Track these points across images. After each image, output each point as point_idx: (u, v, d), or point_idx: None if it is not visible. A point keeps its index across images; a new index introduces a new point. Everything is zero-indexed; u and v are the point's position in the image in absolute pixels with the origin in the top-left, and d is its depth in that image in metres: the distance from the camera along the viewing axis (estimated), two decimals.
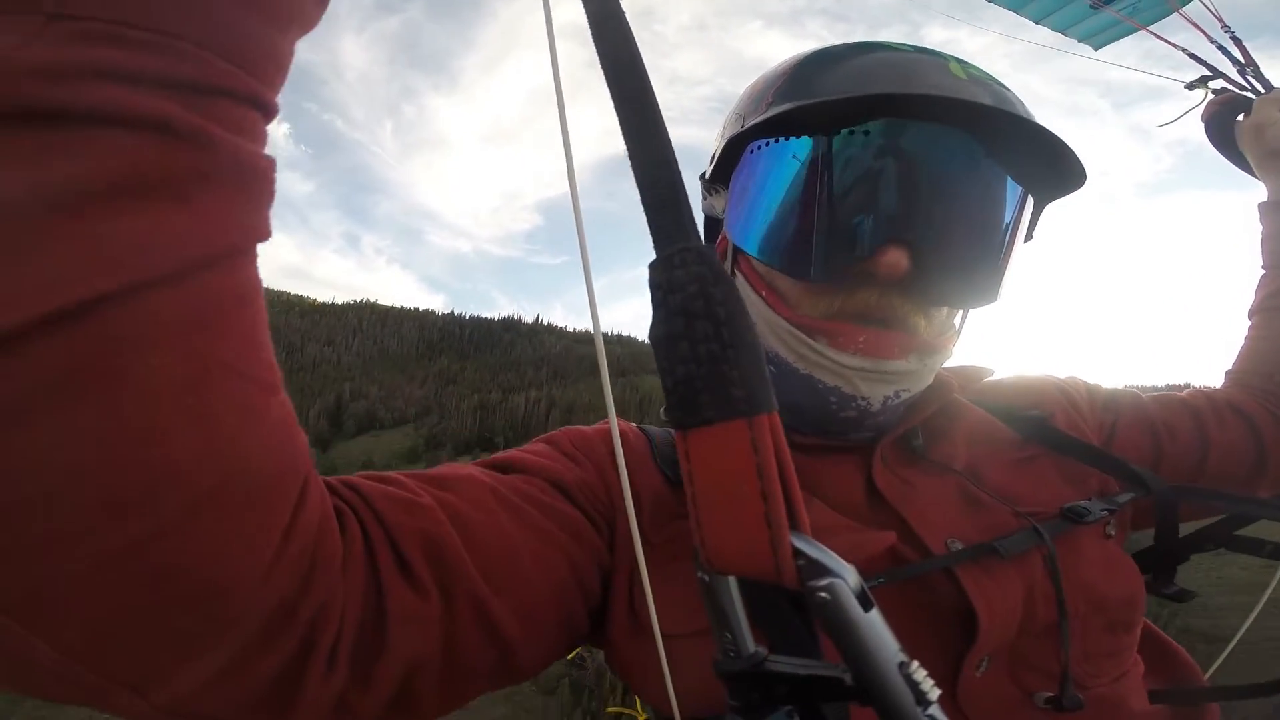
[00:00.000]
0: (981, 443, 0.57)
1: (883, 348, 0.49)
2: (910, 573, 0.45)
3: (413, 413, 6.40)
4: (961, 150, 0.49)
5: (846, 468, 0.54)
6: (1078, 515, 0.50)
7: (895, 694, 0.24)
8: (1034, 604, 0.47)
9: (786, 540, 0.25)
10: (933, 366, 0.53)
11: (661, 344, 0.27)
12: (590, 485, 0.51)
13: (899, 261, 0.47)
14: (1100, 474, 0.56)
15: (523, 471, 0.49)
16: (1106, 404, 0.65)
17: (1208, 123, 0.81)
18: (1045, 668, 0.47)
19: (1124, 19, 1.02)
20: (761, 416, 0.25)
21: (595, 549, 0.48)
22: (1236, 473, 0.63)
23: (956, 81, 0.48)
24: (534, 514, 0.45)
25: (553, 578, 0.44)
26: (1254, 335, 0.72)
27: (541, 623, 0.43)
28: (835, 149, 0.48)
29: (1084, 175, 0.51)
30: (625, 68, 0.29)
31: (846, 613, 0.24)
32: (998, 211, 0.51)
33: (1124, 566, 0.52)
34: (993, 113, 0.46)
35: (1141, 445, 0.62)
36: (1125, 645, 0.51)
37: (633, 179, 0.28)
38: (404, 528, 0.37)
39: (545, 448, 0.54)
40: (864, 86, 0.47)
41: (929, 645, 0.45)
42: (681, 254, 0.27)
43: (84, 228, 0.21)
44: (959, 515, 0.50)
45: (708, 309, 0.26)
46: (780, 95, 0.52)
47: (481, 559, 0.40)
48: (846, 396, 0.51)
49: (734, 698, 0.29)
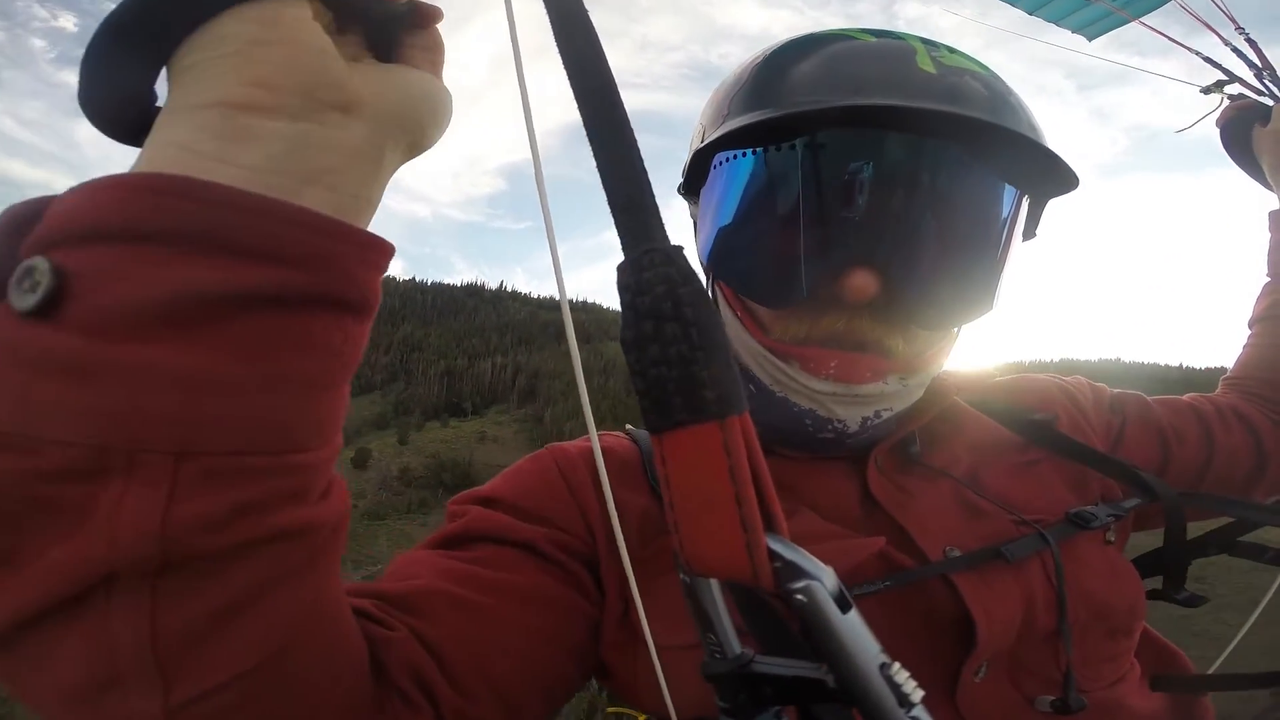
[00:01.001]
0: (983, 447, 0.56)
1: (855, 373, 0.48)
2: (906, 579, 0.44)
3: (379, 380, 6.44)
4: (932, 159, 0.45)
5: (840, 477, 0.53)
6: (1084, 521, 0.49)
7: (877, 696, 0.24)
8: (1034, 611, 0.46)
9: (762, 543, 0.25)
10: (918, 384, 0.52)
11: (632, 347, 0.26)
12: (566, 534, 0.50)
13: (865, 285, 0.44)
14: (1101, 478, 0.55)
15: (489, 540, 0.49)
16: (1113, 406, 0.64)
17: (1223, 128, 0.77)
18: (1045, 673, 0.46)
19: (1117, 10, 0.99)
20: (733, 418, 0.25)
21: (574, 605, 0.48)
22: (1237, 477, 0.63)
23: (925, 77, 0.44)
24: (504, 609, 0.45)
25: (532, 667, 0.45)
26: (1255, 343, 0.71)
27: (528, 705, 0.45)
28: (787, 166, 0.46)
29: (1075, 179, 0.48)
30: (589, 68, 0.28)
31: (824, 614, 0.24)
32: (983, 218, 0.48)
33: (1125, 573, 0.51)
34: (962, 119, 0.42)
35: (1150, 448, 0.61)
36: (1124, 650, 0.50)
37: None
38: (392, 665, 0.39)
39: (517, 494, 0.52)
40: (821, 95, 0.44)
41: (927, 651, 0.45)
42: (649, 255, 0.26)
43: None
44: (958, 523, 0.49)
45: (676, 311, 0.25)
46: (737, 105, 0.49)
47: (457, 675, 0.41)
48: (822, 420, 0.50)
49: (722, 699, 0.29)
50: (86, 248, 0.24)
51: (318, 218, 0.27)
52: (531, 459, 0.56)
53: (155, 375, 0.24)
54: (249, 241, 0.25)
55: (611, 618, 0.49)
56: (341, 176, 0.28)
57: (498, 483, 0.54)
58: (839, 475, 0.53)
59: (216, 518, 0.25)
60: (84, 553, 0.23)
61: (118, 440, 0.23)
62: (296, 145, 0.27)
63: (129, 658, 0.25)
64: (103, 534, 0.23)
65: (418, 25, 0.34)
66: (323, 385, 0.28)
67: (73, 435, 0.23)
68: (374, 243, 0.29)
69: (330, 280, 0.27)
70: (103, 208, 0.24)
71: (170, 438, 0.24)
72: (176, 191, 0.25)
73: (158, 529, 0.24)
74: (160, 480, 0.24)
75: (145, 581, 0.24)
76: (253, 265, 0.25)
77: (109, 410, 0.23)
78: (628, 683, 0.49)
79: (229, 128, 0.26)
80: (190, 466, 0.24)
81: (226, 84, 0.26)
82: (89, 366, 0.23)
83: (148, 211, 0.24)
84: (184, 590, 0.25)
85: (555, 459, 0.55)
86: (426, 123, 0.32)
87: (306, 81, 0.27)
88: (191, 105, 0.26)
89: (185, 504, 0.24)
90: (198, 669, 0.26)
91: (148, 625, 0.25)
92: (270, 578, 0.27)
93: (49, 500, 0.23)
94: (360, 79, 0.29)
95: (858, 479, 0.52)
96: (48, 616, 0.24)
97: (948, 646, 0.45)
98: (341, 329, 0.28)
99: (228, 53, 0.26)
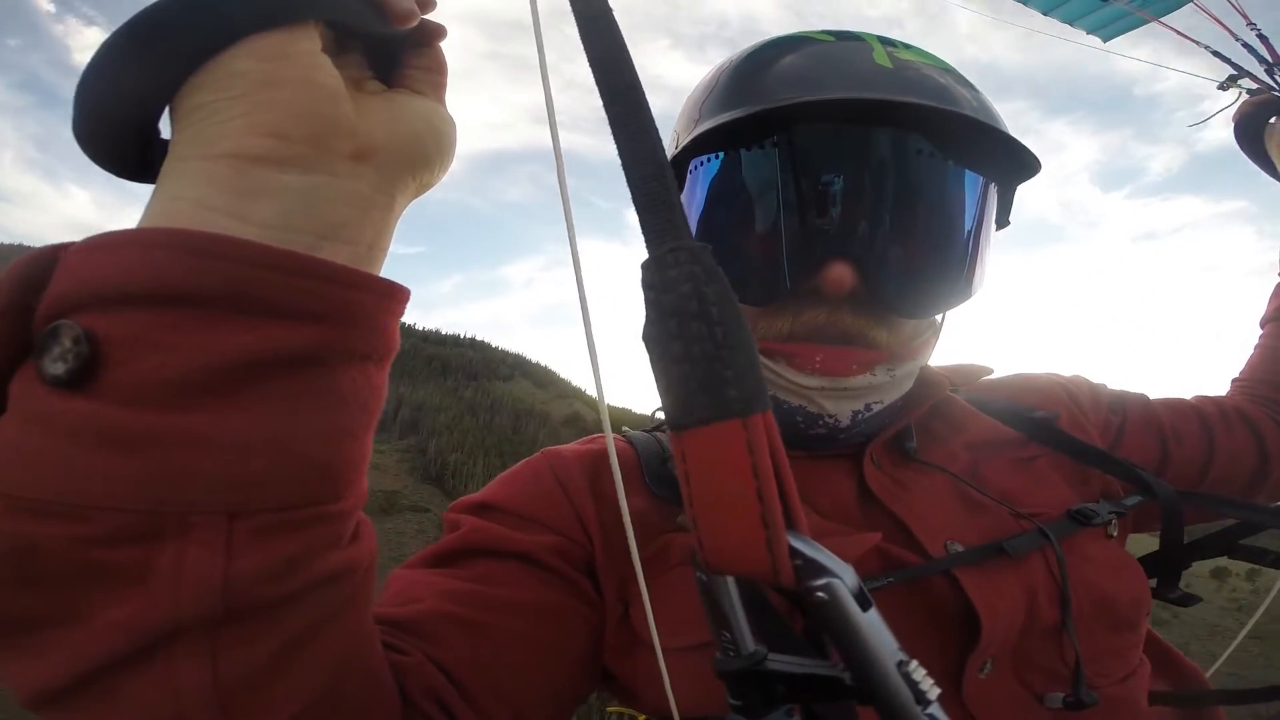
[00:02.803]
0: (982, 444, 0.56)
1: (840, 366, 0.48)
2: (910, 575, 0.45)
3: None
4: (894, 149, 0.46)
5: (836, 472, 0.53)
6: (1085, 518, 0.49)
7: (894, 693, 0.24)
8: (1036, 605, 0.46)
9: (783, 540, 0.25)
10: (906, 374, 0.52)
11: (655, 345, 0.26)
12: (562, 539, 0.50)
13: (842, 278, 0.45)
14: (1103, 475, 0.56)
15: (486, 554, 0.49)
16: (1113, 404, 0.64)
17: (1238, 123, 0.78)
18: (1050, 668, 0.47)
19: (1135, 10, 1.01)
20: (756, 416, 0.25)
21: (576, 612, 0.48)
22: (1238, 479, 0.63)
23: (880, 71, 0.46)
24: (509, 625, 0.45)
25: (542, 679, 0.46)
26: (1264, 344, 0.72)
27: (541, 717, 0.45)
28: (756, 166, 0.47)
29: (1037, 164, 0.49)
30: (614, 66, 0.28)
31: (845, 612, 0.24)
32: (950, 205, 0.49)
33: (1129, 567, 0.52)
34: (917, 107, 0.44)
35: (1148, 448, 0.62)
36: (1130, 644, 0.51)
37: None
38: (413, 690, 0.39)
39: (512, 500, 0.52)
40: (781, 94, 0.45)
41: (931, 647, 0.45)
42: (674, 253, 0.26)
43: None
44: (957, 517, 0.50)
45: (701, 309, 0.25)
46: (708, 109, 0.50)
47: (473, 697, 0.42)
48: (812, 415, 0.50)
49: (734, 696, 0.29)
50: (117, 312, 0.23)
51: (347, 272, 0.27)
52: (526, 463, 0.56)
53: (201, 443, 0.24)
54: (279, 302, 0.25)
55: (611, 620, 0.49)
56: (357, 229, 0.28)
57: (493, 488, 0.54)
58: (835, 473, 0.53)
59: (273, 569, 0.26)
60: (148, 611, 0.24)
61: (168, 506, 0.23)
62: (311, 200, 0.26)
63: (195, 704, 0.25)
64: (166, 593, 0.24)
65: (420, 43, 0.33)
66: (352, 436, 0.28)
67: (119, 502, 0.23)
68: (394, 291, 0.29)
69: (360, 334, 0.27)
70: (130, 269, 0.24)
71: (220, 500, 0.24)
72: (206, 251, 0.24)
73: (220, 584, 0.24)
74: (216, 540, 0.24)
75: (207, 633, 0.25)
76: (284, 326, 0.25)
77: (154, 478, 0.23)
78: (628, 685, 0.49)
79: (241, 183, 0.25)
80: (242, 525, 0.25)
81: (237, 133, 0.25)
82: (133, 438, 0.23)
83: (179, 272, 0.24)
84: (243, 638, 0.26)
85: (550, 463, 0.55)
86: (433, 159, 0.32)
87: (318, 129, 0.27)
88: (200, 155, 0.26)
89: (243, 560, 0.25)
90: (260, 710, 0.27)
91: (210, 673, 0.25)
92: (319, 618, 0.28)
93: (102, 564, 0.23)
94: (369, 120, 0.29)
95: (854, 475, 0.53)
96: (110, 671, 0.24)
97: (951, 642, 0.45)
98: (367, 378, 0.28)
99: (237, 95, 0.25)
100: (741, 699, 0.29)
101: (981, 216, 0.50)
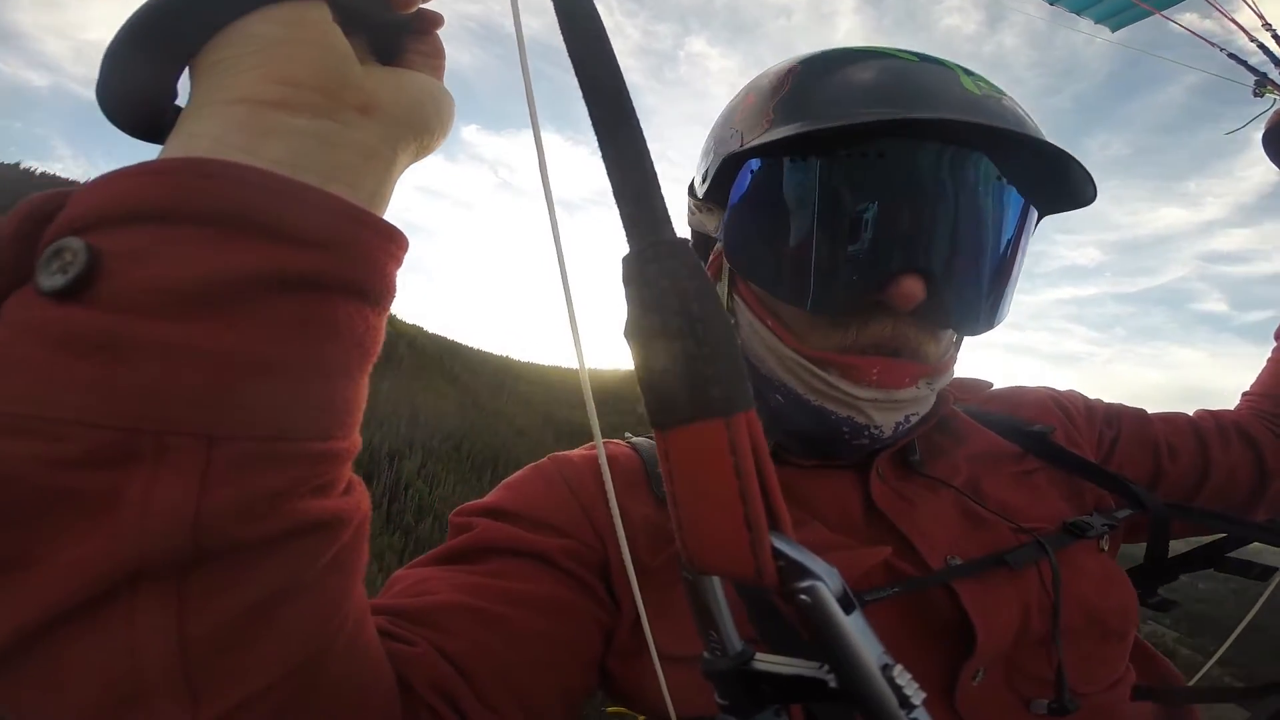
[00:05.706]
0: (982, 457, 0.57)
1: (896, 378, 0.49)
2: (915, 586, 0.45)
3: None
4: (975, 172, 0.47)
5: (843, 486, 0.54)
6: (1079, 530, 0.50)
7: (879, 696, 0.23)
8: (1030, 616, 0.47)
9: (766, 542, 0.24)
10: (938, 388, 0.53)
11: (636, 341, 0.26)
12: (576, 542, 0.50)
13: (914, 291, 0.46)
14: (1095, 488, 0.56)
15: (501, 552, 0.48)
16: (1107, 418, 0.65)
17: (1269, 130, 0.76)
18: (1040, 675, 0.47)
19: (1139, 3, 0.99)
20: (739, 415, 0.24)
21: (589, 613, 0.48)
22: (1235, 495, 0.64)
23: (971, 98, 0.46)
24: (523, 620, 0.45)
25: (553, 676, 0.45)
26: (1275, 358, 0.71)
27: (550, 715, 0.45)
28: (845, 173, 0.46)
29: (1094, 191, 0.50)
30: (596, 60, 0.28)
31: (828, 614, 0.24)
32: (1010, 234, 0.50)
33: (1117, 578, 0.52)
34: (1010, 135, 0.44)
35: (1141, 462, 0.63)
36: (1118, 653, 0.51)
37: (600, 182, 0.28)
38: (417, 681, 0.38)
39: (524, 505, 0.52)
40: (877, 107, 0.45)
41: (926, 656, 0.46)
42: (654, 248, 0.26)
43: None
44: (959, 532, 0.50)
45: (683, 306, 0.25)
46: (782, 112, 0.49)
47: (483, 689, 0.41)
48: (859, 426, 0.50)
49: (722, 696, 0.29)
50: (121, 229, 0.24)
51: (347, 205, 0.27)
52: (534, 468, 0.56)
53: (188, 354, 0.23)
54: (283, 225, 0.25)
55: (625, 624, 0.49)
56: (359, 174, 0.29)
57: (502, 494, 0.54)
58: (842, 484, 0.54)
59: (250, 506, 0.24)
60: (109, 547, 0.22)
61: (147, 422, 0.22)
62: (319, 141, 0.28)
63: (155, 668, 0.23)
64: (131, 525, 0.22)
65: (420, 31, 0.35)
66: (346, 374, 0.28)
67: (98, 417, 0.22)
68: (394, 234, 0.29)
69: (357, 268, 0.27)
70: (138, 192, 0.24)
71: (201, 421, 0.23)
72: (213, 174, 0.25)
73: (192, 517, 0.23)
74: (192, 466, 0.23)
75: (172, 580, 0.23)
76: (287, 248, 0.25)
77: (139, 390, 0.22)
78: (634, 691, 0.49)
79: (256, 122, 0.27)
80: (222, 451, 0.23)
81: (254, 81, 0.27)
82: (120, 344, 0.22)
83: (184, 193, 0.24)
84: (213, 589, 0.24)
85: (559, 467, 0.55)
86: (434, 125, 0.33)
87: (329, 81, 0.28)
88: (218, 100, 0.27)
89: (219, 491, 0.23)
90: (227, 680, 0.25)
91: (175, 629, 0.23)
92: (298, 575, 0.27)
93: (67, 491, 0.22)
94: (375, 82, 0.30)
95: (860, 488, 0.53)
96: (59, 626, 0.22)
97: (946, 650, 0.46)
98: (363, 318, 0.28)
99: (254, 50, 0.27)
100: (729, 699, 0.29)
101: (1026, 245, 0.52)
